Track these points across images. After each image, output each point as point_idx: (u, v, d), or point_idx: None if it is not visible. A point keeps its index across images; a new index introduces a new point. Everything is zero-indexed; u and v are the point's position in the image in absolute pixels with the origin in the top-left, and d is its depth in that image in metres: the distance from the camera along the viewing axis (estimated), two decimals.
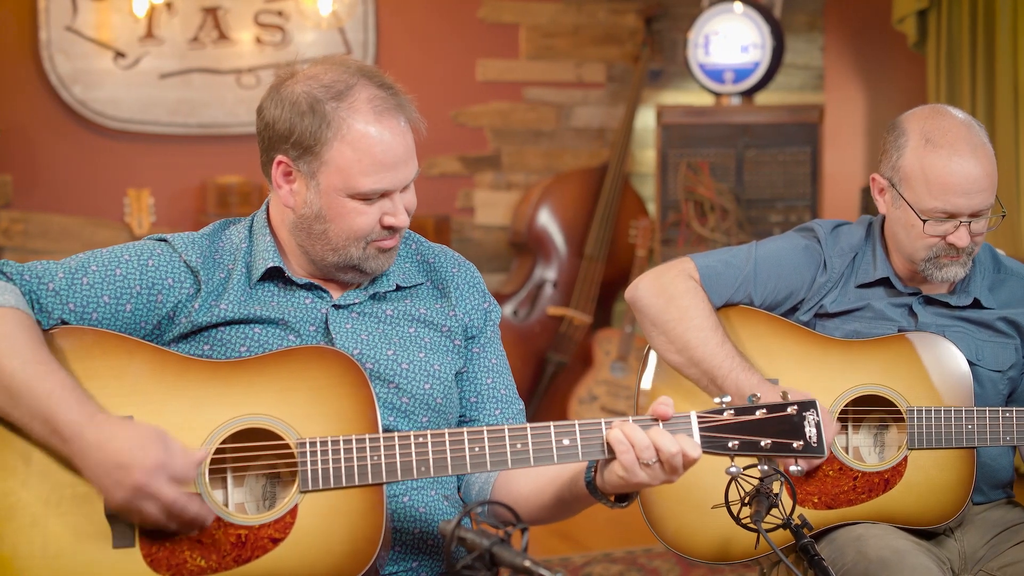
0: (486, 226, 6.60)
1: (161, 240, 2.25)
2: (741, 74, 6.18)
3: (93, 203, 6.00)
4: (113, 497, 1.95)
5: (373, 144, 2.12)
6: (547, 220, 6.41)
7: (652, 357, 2.78)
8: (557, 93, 6.69)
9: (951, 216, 2.60)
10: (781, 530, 2.20)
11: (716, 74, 6.20)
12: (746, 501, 2.22)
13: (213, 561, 2.01)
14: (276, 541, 2.01)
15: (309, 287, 2.23)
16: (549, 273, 6.43)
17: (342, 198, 2.14)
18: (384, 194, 2.16)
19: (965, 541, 2.66)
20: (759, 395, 2.10)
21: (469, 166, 6.56)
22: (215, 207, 5.92)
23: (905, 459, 2.59)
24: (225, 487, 2.08)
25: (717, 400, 2.07)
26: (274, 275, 2.23)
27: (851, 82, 6.82)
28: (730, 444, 2.04)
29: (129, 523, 2.00)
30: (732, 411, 2.05)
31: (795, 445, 2.05)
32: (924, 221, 2.60)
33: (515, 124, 6.61)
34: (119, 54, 5.95)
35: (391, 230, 2.19)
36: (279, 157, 2.16)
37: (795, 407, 2.05)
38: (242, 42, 6.12)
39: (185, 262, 2.20)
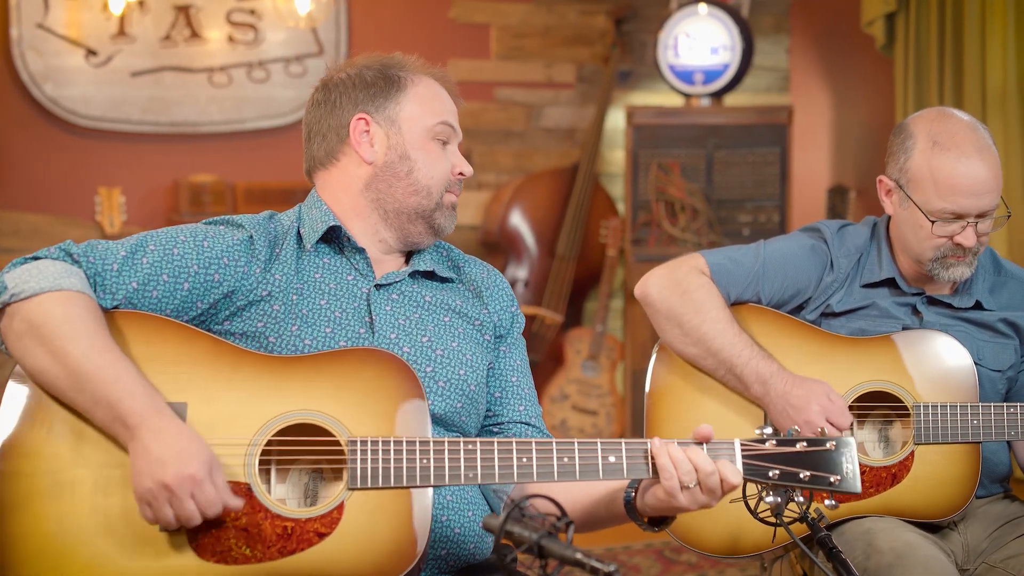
0: (457, 225, 6.58)
1: (224, 223, 2.31)
2: (711, 75, 6.23)
3: (64, 202, 5.96)
4: (139, 483, 1.97)
5: (440, 90, 2.37)
6: (519, 220, 6.44)
7: (655, 357, 2.81)
8: (527, 93, 6.72)
9: (959, 217, 2.65)
10: (789, 525, 2.24)
11: (686, 75, 6.25)
12: (764, 495, 2.26)
13: (258, 551, 2.03)
14: (322, 536, 2.03)
15: (360, 256, 2.31)
16: (520, 272, 6.46)
17: (423, 138, 2.34)
18: (449, 138, 2.36)
19: (968, 534, 2.71)
20: (799, 428, 2.17)
21: None
22: (188, 206, 5.89)
23: (912, 454, 2.65)
24: (268, 480, 2.10)
25: (758, 431, 2.13)
26: (330, 239, 2.32)
27: (817, 84, 6.91)
28: (771, 473, 2.10)
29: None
30: (774, 441, 2.11)
31: (832, 480, 2.10)
32: (933, 222, 2.65)
33: (486, 124, 6.64)
34: (90, 52, 5.91)
35: (461, 180, 2.38)
36: (358, 115, 2.33)
37: (833, 443, 2.11)
38: (214, 40, 6.10)
39: (251, 236, 2.26)
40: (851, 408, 2.68)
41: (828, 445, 2.11)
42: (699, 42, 6.21)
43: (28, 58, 5.80)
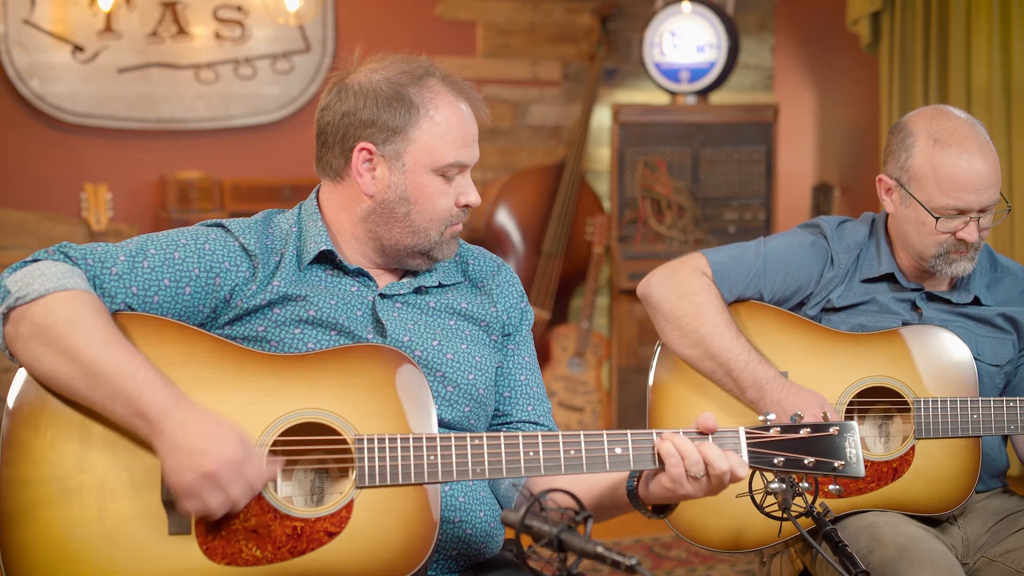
0: None
1: (217, 225, 2.27)
2: (697, 73, 6.26)
3: (50, 198, 5.92)
4: (180, 479, 1.96)
5: (458, 118, 2.25)
6: (505, 217, 6.45)
7: (658, 355, 2.83)
8: (513, 91, 6.72)
9: (962, 212, 2.68)
10: (789, 520, 2.25)
11: (672, 73, 6.28)
12: (770, 490, 2.27)
13: (268, 552, 2.02)
14: (332, 535, 2.03)
15: (357, 274, 2.27)
16: None
17: (427, 176, 2.23)
18: (459, 172, 2.25)
19: (968, 529, 2.75)
20: (802, 414, 2.19)
21: None
22: (176, 202, 5.86)
23: (913, 448, 2.68)
24: (275, 479, 2.09)
25: (762, 418, 2.15)
26: (324, 259, 2.27)
27: (801, 83, 6.94)
28: (775, 460, 2.12)
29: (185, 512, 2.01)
30: (778, 428, 2.13)
31: (836, 464, 2.12)
32: (937, 219, 2.68)
33: None
34: (77, 48, 5.88)
35: (465, 209, 2.28)
36: (362, 144, 2.23)
37: (836, 428, 2.14)
38: (201, 37, 6.08)
39: (242, 246, 2.23)
40: (852, 404, 2.71)
41: (831, 430, 2.13)
42: (685, 40, 6.24)
43: (14, 54, 5.76)
